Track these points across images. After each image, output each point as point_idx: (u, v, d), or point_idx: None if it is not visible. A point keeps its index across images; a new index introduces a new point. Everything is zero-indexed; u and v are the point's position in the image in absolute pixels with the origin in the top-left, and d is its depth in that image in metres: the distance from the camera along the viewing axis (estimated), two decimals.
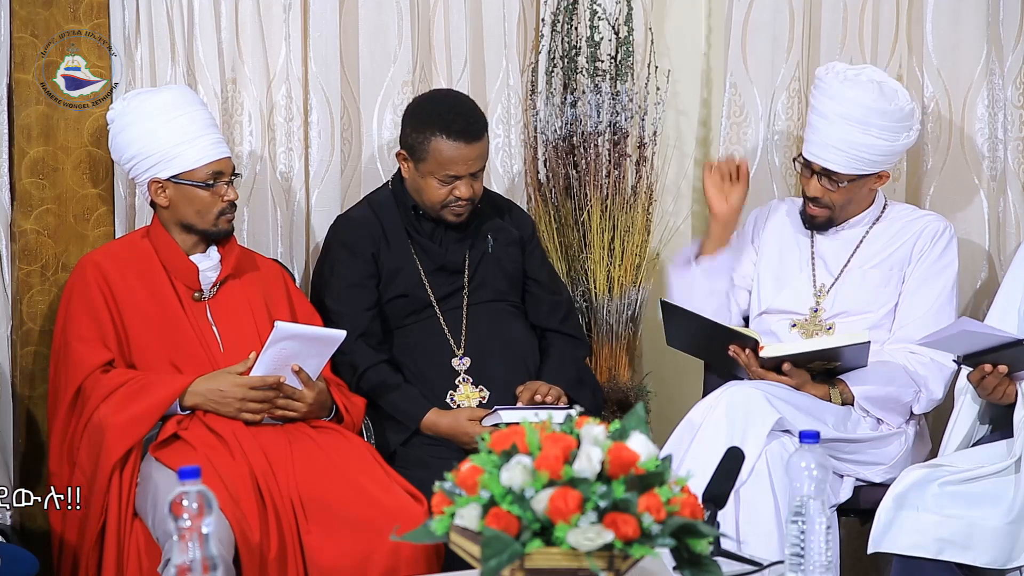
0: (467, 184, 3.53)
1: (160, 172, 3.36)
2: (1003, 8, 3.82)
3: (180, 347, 3.33)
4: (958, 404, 3.36)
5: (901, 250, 3.63)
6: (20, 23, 3.57)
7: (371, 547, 3.05)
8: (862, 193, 3.62)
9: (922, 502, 3.03)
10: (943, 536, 3.02)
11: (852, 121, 3.50)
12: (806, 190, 3.62)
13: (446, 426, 3.49)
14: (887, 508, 3.05)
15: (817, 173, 3.57)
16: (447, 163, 3.50)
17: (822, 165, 3.55)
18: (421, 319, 3.64)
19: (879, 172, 3.59)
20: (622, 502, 2.13)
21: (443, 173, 3.51)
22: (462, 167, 3.51)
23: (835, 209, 3.61)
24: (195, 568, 2.02)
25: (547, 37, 4.12)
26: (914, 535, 3.02)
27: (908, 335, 3.55)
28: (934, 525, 3.02)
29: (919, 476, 3.07)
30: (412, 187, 3.61)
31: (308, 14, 3.88)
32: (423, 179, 3.55)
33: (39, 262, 3.60)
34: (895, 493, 3.06)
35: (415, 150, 3.54)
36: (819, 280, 3.66)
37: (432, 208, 3.58)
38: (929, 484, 3.05)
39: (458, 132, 3.50)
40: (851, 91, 3.53)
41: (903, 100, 3.56)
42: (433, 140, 3.50)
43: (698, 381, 3.90)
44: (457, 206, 3.56)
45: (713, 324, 3.54)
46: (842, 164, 3.53)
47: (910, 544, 3.02)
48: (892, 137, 3.53)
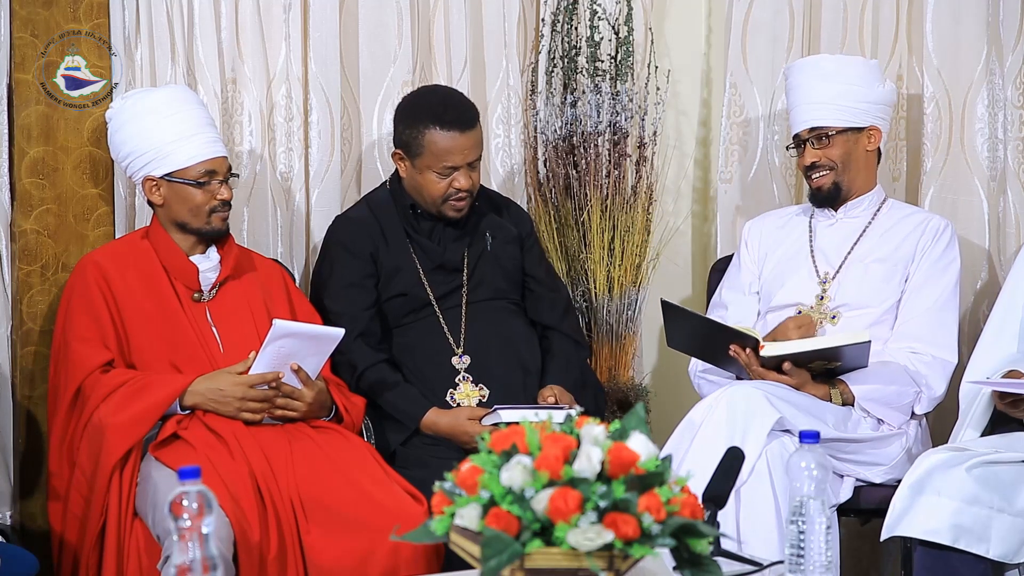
0: (465, 175, 3.54)
1: (154, 170, 3.37)
2: (1003, 8, 3.81)
3: (180, 347, 3.33)
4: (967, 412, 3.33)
5: (904, 247, 3.63)
6: (20, 23, 3.57)
7: (371, 547, 3.05)
8: (859, 154, 3.63)
9: (944, 486, 2.98)
10: (960, 524, 2.96)
11: (825, 79, 3.60)
12: (803, 163, 3.64)
13: (446, 425, 3.49)
14: (903, 495, 3.00)
15: (807, 140, 3.61)
16: (443, 154, 3.51)
17: (809, 126, 3.60)
18: (420, 318, 3.64)
19: (869, 129, 3.62)
20: (622, 502, 2.13)
21: (440, 165, 3.52)
22: (459, 157, 3.52)
23: (838, 168, 3.62)
24: (195, 568, 2.02)
25: (547, 37, 4.12)
26: (931, 520, 2.97)
27: (910, 332, 3.55)
28: (954, 511, 2.97)
29: (940, 460, 3.02)
30: (411, 186, 3.61)
31: (308, 14, 3.88)
32: (421, 175, 3.55)
33: (39, 262, 3.60)
34: (913, 479, 3.01)
35: (410, 147, 3.55)
36: (821, 270, 3.66)
37: (433, 204, 3.58)
38: (952, 467, 3.00)
39: (451, 122, 3.51)
40: (816, 60, 3.71)
41: (864, 58, 3.76)
42: (427, 133, 3.51)
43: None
44: (457, 199, 3.56)
45: (713, 324, 3.54)
46: (827, 116, 3.59)
47: (925, 529, 2.97)
48: (867, 84, 3.62)
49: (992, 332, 3.42)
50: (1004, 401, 3.20)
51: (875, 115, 3.64)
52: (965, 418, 3.33)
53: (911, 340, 3.54)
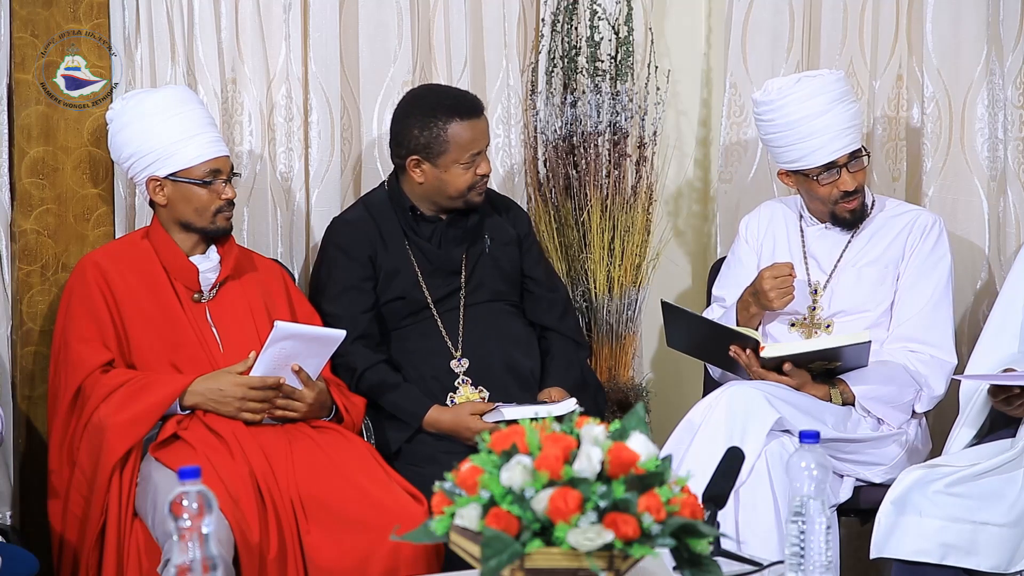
0: (485, 159, 3.58)
1: (158, 170, 3.36)
2: (1003, 8, 3.81)
3: (180, 347, 3.33)
4: (964, 410, 3.34)
5: (894, 247, 3.62)
6: (20, 23, 3.57)
7: (371, 547, 3.05)
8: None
9: (924, 505, 3.01)
10: (947, 541, 3.00)
11: (839, 100, 3.54)
12: (842, 188, 3.55)
13: (448, 422, 3.49)
14: (887, 512, 3.03)
15: (843, 165, 3.55)
16: (469, 143, 3.53)
17: (851, 150, 3.54)
18: (418, 321, 3.63)
19: None
20: (622, 502, 2.13)
21: (467, 155, 3.53)
22: (482, 142, 3.57)
23: (863, 190, 3.62)
24: (195, 568, 2.02)
25: (547, 37, 4.12)
26: (918, 540, 3.00)
27: (907, 332, 3.55)
28: (937, 530, 3.00)
29: (917, 477, 3.05)
30: (432, 188, 3.58)
31: (308, 14, 3.88)
32: (447, 172, 3.54)
33: (39, 262, 3.60)
34: (894, 496, 3.03)
35: (431, 147, 3.53)
36: (813, 278, 3.65)
37: (459, 196, 3.58)
38: (928, 485, 3.03)
39: (467, 111, 3.54)
40: (812, 84, 3.56)
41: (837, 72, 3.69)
42: (449, 128, 3.51)
43: (698, 381, 3.90)
44: (481, 184, 3.59)
45: (713, 324, 3.54)
46: (858, 139, 3.57)
47: (914, 550, 3.00)
48: (856, 99, 3.64)
49: (992, 332, 3.42)
50: (999, 398, 3.20)
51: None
52: (961, 417, 3.33)
53: (908, 340, 3.54)
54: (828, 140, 3.52)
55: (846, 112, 3.54)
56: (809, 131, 3.52)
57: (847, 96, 3.57)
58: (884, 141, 4.05)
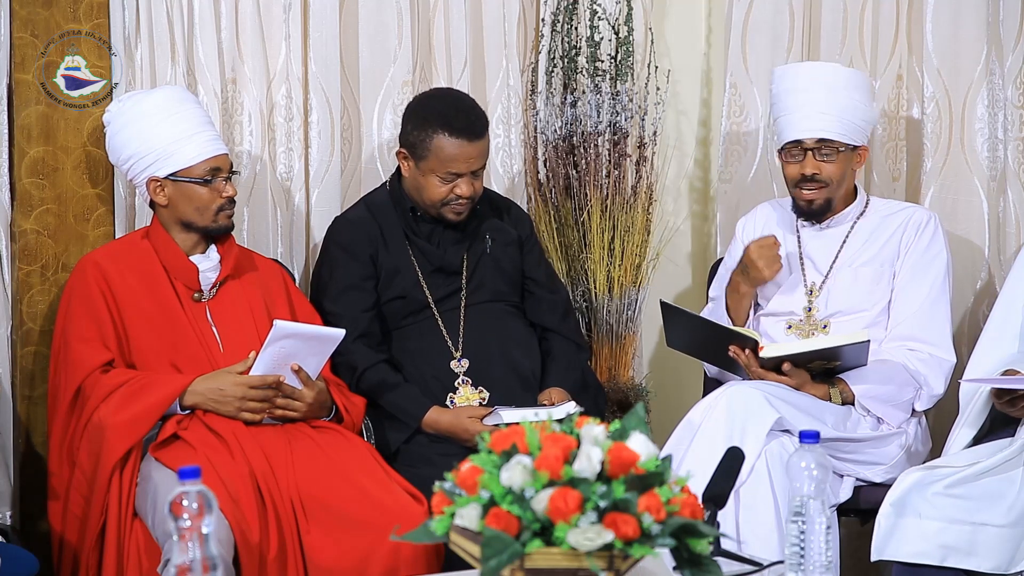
0: (468, 182, 3.53)
1: (158, 170, 3.36)
2: (1003, 8, 3.82)
3: (180, 347, 3.33)
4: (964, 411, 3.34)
5: (889, 246, 3.62)
6: (20, 23, 3.57)
7: (371, 547, 3.05)
8: (849, 172, 3.61)
9: (923, 507, 3.01)
10: (947, 543, 3.00)
11: (830, 87, 3.53)
12: (800, 171, 3.55)
13: (447, 424, 3.49)
14: (887, 514, 3.03)
15: (810, 149, 3.54)
16: (449, 161, 3.50)
17: (817, 136, 3.53)
18: (419, 320, 3.63)
19: (861, 148, 3.59)
20: (622, 502, 2.13)
21: (444, 171, 3.51)
22: (463, 164, 3.51)
23: (831, 186, 3.56)
24: (195, 568, 2.02)
25: (547, 37, 4.12)
26: (918, 543, 3.01)
27: (905, 331, 3.54)
28: (937, 532, 3.00)
29: (916, 479, 3.05)
30: (412, 186, 3.61)
31: (308, 14, 3.88)
32: (424, 177, 3.55)
33: (39, 262, 3.60)
34: (893, 498, 3.04)
35: (416, 148, 3.54)
36: (809, 279, 3.65)
37: (432, 206, 3.58)
38: (927, 487, 3.03)
39: (460, 129, 3.49)
40: (815, 67, 3.66)
41: (862, 72, 3.68)
42: (435, 138, 3.50)
43: (698, 381, 3.90)
44: (457, 204, 3.56)
45: (713, 324, 3.54)
46: (835, 130, 3.52)
47: (914, 552, 3.01)
48: (867, 101, 3.59)
49: (992, 332, 3.42)
50: (1002, 400, 3.20)
51: (867, 134, 3.62)
52: (962, 417, 3.33)
53: (906, 339, 3.54)
54: (801, 118, 3.54)
55: (832, 99, 3.52)
56: (793, 105, 3.55)
57: (845, 88, 3.53)
58: (884, 141, 4.05)
